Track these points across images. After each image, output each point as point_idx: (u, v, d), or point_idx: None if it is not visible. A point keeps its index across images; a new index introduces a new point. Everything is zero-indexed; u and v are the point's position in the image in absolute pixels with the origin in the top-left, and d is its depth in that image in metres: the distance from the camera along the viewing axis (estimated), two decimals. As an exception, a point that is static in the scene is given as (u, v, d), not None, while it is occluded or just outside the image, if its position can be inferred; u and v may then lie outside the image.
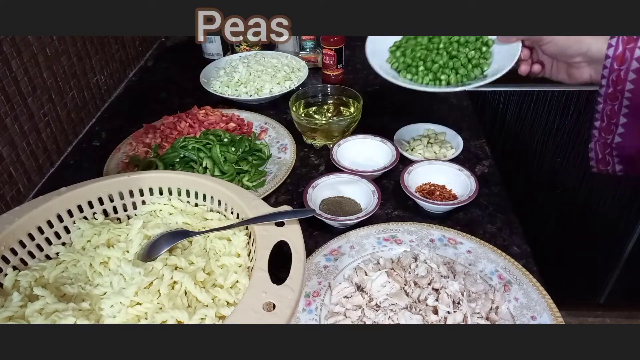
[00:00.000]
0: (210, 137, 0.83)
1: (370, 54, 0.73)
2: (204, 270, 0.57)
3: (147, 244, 0.59)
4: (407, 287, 0.58)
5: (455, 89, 0.71)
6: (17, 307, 0.51)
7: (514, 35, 0.66)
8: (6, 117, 0.75)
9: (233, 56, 1.17)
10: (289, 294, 0.47)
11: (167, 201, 0.66)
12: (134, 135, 0.91)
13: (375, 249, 0.66)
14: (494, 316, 0.56)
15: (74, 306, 0.52)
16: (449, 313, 0.54)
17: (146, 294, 0.52)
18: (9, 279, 0.55)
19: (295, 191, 0.80)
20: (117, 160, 0.85)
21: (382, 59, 0.75)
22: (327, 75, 1.09)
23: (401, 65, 0.73)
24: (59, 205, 0.60)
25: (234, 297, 0.53)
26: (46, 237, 0.59)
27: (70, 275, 0.58)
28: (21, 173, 0.79)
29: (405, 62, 0.73)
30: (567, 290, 0.62)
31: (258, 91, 1.04)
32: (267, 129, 0.94)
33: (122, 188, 0.64)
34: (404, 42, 0.75)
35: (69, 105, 0.92)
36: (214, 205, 0.65)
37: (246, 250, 0.59)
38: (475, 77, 0.70)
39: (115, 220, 0.66)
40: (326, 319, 0.57)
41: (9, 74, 0.75)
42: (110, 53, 1.08)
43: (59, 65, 0.88)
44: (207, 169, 0.79)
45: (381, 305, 0.56)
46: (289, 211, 0.57)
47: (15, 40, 0.76)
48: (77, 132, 0.96)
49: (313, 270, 0.62)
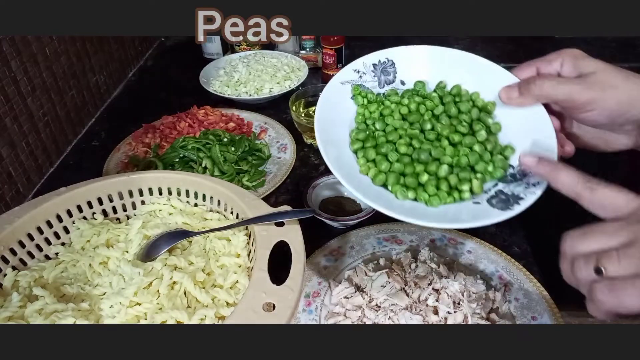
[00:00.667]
0: (209, 137, 0.83)
1: (331, 160, 0.47)
2: (204, 270, 0.57)
3: (146, 244, 0.59)
4: (407, 287, 0.58)
5: (494, 218, 0.44)
6: (17, 307, 0.51)
7: (531, 96, 0.48)
8: (5, 117, 0.74)
9: (233, 56, 1.17)
10: (289, 294, 0.47)
11: (166, 201, 0.66)
12: (133, 135, 0.90)
13: (376, 249, 0.66)
14: (494, 317, 0.55)
15: (74, 306, 0.52)
16: (449, 313, 0.54)
17: (145, 294, 0.52)
18: (8, 279, 0.55)
19: (295, 191, 0.79)
20: (116, 160, 0.85)
21: (351, 167, 0.49)
22: (327, 74, 1.09)
23: (390, 178, 0.48)
24: (58, 206, 0.60)
25: (234, 297, 0.53)
26: (45, 237, 0.59)
27: (70, 276, 0.58)
28: (20, 173, 0.79)
29: (394, 170, 0.49)
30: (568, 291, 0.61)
31: (258, 91, 1.04)
32: (266, 128, 0.94)
33: (122, 188, 0.64)
34: (364, 134, 0.51)
35: (68, 105, 0.92)
36: (213, 206, 0.65)
37: (246, 250, 0.59)
38: (502, 177, 0.48)
39: (114, 220, 0.65)
40: (326, 320, 0.57)
41: (9, 74, 0.75)
42: (109, 53, 1.08)
43: (58, 65, 0.88)
44: (206, 168, 0.79)
45: (381, 306, 0.56)
46: (289, 211, 0.56)
47: (15, 40, 0.76)
48: (77, 132, 0.96)
49: (313, 271, 0.62)
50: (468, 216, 0.45)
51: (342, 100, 0.54)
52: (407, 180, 0.48)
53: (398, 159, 0.49)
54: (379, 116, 0.54)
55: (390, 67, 0.58)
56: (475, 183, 0.47)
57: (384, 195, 0.47)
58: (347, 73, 0.56)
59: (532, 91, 0.48)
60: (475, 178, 0.48)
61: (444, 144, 0.50)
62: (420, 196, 0.47)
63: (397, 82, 0.57)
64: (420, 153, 0.49)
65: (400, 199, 0.47)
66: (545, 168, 0.44)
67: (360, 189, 0.45)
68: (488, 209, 0.45)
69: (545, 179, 0.44)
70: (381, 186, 0.48)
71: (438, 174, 0.48)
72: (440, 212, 0.46)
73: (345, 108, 0.54)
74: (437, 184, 0.47)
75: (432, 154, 0.49)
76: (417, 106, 0.54)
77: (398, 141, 0.51)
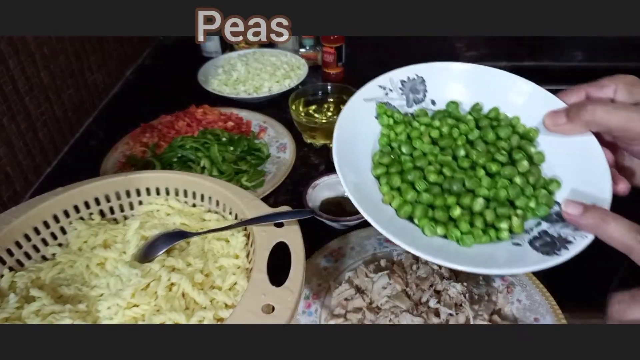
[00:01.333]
0: (208, 137, 0.82)
1: (350, 187, 0.42)
2: (202, 271, 0.56)
3: (144, 245, 0.59)
4: (409, 289, 0.57)
5: (539, 264, 0.38)
6: (14, 308, 0.51)
7: (580, 123, 0.43)
8: (3, 116, 0.74)
9: (231, 54, 1.16)
10: (288, 296, 0.46)
11: (164, 201, 0.65)
12: (131, 134, 0.90)
13: (376, 250, 0.65)
14: (496, 318, 0.55)
15: (71, 308, 0.51)
16: (451, 315, 0.54)
17: (143, 295, 0.52)
18: (5, 280, 0.54)
19: (295, 191, 0.79)
20: (114, 160, 0.84)
21: (372, 196, 0.45)
22: (327, 73, 1.09)
23: (417, 210, 0.43)
24: (55, 206, 0.59)
25: (233, 299, 0.53)
26: (42, 238, 0.59)
27: (67, 277, 0.57)
28: (18, 173, 0.78)
29: (421, 201, 0.44)
30: (571, 292, 0.61)
31: (257, 89, 1.03)
32: (266, 128, 0.93)
33: (119, 188, 0.64)
34: (388, 158, 0.47)
35: (66, 104, 0.91)
36: (212, 206, 0.64)
37: (245, 251, 0.58)
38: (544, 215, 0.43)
39: (112, 220, 0.65)
40: (326, 322, 0.57)
41: (6, 73, 0.74)
42: (107, 51, 1.07)
43: (56, 64, 0.87)
44: (205, 168, 0.78)
45: (382, 308, 0.55)
46: (289, 212, 0.56)
47: (13, 39, 0.75)
48: (74, 131, 0.95)
49: (313, 272, 0.62)
50: (506, 260, 0.40)
51: (365, 119, 0.49)
52: (437, 214, 0.42)
53: (427, 189, 0.44)
54: (406, 139, 0.49)
55: (420, 85, 0.52)
56: (516, 221, 0.41)
57: (408, 230, 0.42)
58: (371, 89, 0.50)
59: (582, 117, 0.42)
60: (515, 215, 0.42)
61: (480, 174, 0.45)
62: (452, 233, 0.41)
63: (428, 102, 0.52)
64: (452, 183, 0.44)
65: (428, 235, 0.42)
66: (591, 220, 0.39)
67: (382, 222, 0.40)
68: (530, 252, 0.40)
69: (591, 233, 0.39)
70: (406, 219, 0.43)
71: (472, 208, 0.43)
72: (474, 254, 0.40)
73: (368, 128, 0.49)
74: (471, 219, 0.42)
75: (466, 185, 0.44)
76: (450, 129, 0.48)
77: (427, 168, 0.46)
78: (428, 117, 0.50)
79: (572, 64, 1.18)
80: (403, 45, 1.26)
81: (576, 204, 0.40)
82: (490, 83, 0.51)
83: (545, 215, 0.43)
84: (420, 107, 0.52)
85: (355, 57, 1.18)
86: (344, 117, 0.47)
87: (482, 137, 0.48)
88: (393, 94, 0.51)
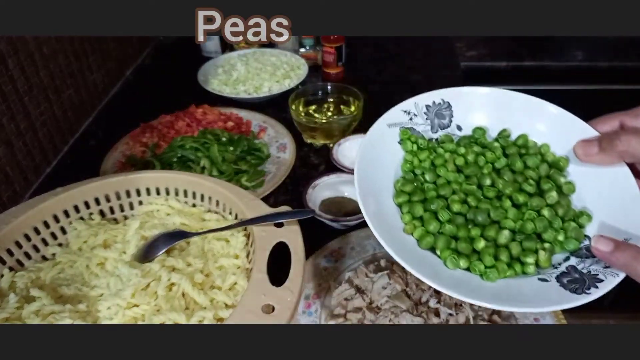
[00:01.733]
0: (208, 136, 0.82)
1: (370, 215, 0.42)
2: (202, 271, 0.56)
3: (144, 245, 0.59)
4: (409, 289, 0.57)
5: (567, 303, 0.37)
6: (14, 308, 0.51)
7: (614, 153, 0.41)
8: (2, 116, 0.74)
9: (231, 54, 1.16)
10: (288, 296, 0.46)
11: (164, 201, 0.65)
12: (130, 134, 0.90)
13: (376, 250, 0.65)
14: (496, 318, 0.55)
15: (71, 308, 0.51)
16: (451, 315, 0.54)
17: (143, 295, 0.52)
18: (5, 280, 0.54)
19: (295, 191, 0.79)
20: (114, 160, 0.84)
21: (392, 225, 0.44)
22: (328, 73, 1.09)
23: (439, 241, 0.42)
24: (55, 206, 0.59)
25: (233, 299, 0.53)
26: (42, 238, 0.59)
27: (67, 277, 0.57)
28: (17, 173, 0.78)
29: (444, 232, 0.43)
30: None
31: (257, 89, 1.03)
32: (266, 128, 0.93)
33: (119, 188, 0.64)
34: (411, 185, 0.45)
35: (65, 104, 0.91)
36: (212, 206, 0.64)
37: (245, 251, 0.58)
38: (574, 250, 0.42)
39: (112, 220, 0.65)
40: (326, 321, 0.57)
41: (6, 73, 0.74)
42: (107, 51, 1.07)
43: (55, 64, 0.87)
44: (205, 168, 0.78)
45: (382, 308, 0.55)
46: (289, 212, 0.56)
47: (12, 39, 0.75)
48: (74, 131, 0.95)
49: (313, 272, 0.62)
50: (532, 296, 0.38)
51: (388, 144, 0.48)
52: (460, 246, 0.41)
53: (450, 219, 0.43)
54: (430, 166, 0.47)
55: (445, 110, 0.51)
56: (542, 255, 0.40)
57: (429, 262, 0.40)
58: (395, 114, 0.49)
59: (616, 147, 0.40)
60: (542, 249, 0.41)
61: (506, 205, 0.43)
62: (475, 266, 0.40)
63: (453, 127, 0.51)
64: (477, 214, 0.42)
65: (450, 267, 0.40)
66: (622, 258, 0.36)
67: (402, 253, 0.38)
68: (557, 289, 0.38)
69: (623, 271, 0.37)
70: (427, 249, 0.42)
71: (497, 241, 0.41)
72: (498, 289, 0.38)
73: (390, 154, 0.48)
74: (495, 252, 0.40)
75: (491, 216, 0.42)
76: (476, 157, 0.47)
77: (451, 197, 0.44)
78: (453, 143, 0.49)
79: (572, 63, 1.18)
80: (403, 45, 1.26)
81: (607, 240, 0.38)
82: (519, 109, 0.49)
83: (575, 249, 0.41)
84: (445, 133, 0.50)
85: (355, 57, 1.18)
86: (367, 143, 0.46)
87: (510, 166, 0.46)
88: (417, 119, 0.50)
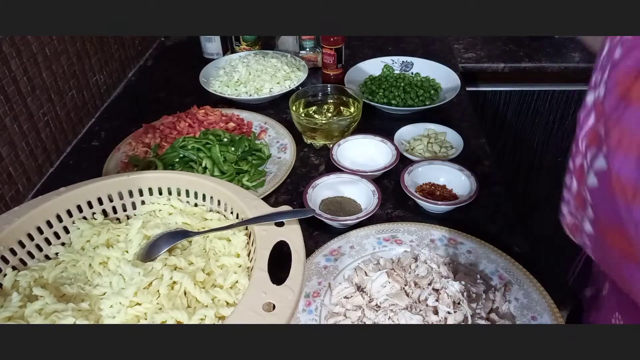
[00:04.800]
0: (209, 137, 0.83)
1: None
2: (204, 270, 0.57)
3: (146, 244, 0.59)
4: (408, 287, 0.58)
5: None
6: (17, 307, 0.51)
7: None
8: (5, 117, 0.74)
9: (232, 56, 1.17)
10: (289, 294, 0.47)
11: (166, 201, 0.66)
12: (133, 135, 0.90)
13: (376, 249, 0.66)
14: (494, 316, 0.55)
15: (74, 306, 0.52)
16: (449, 313, 0.54)
17: (146, 294, 0.52)
18: (8, 279, 0.55)
19: (295, 191, 0.79)
20: (116, 160, 0.85)
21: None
22: (327, 74, 1.09)
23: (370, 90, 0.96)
24: (58, 206, 0.60)
25: (234, 297, 0.53)
26: (45, 238, 0.59)
27: (70, 276, 0.58)
28: (20, 173, 0.79)
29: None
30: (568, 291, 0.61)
31: (258, 91, 1.04)
32: (266, 128, 0.94)
33: (122, 188, 0.64)
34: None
35: (68, 105, 0.92)
36: (213, 206, 0.65)
37: (246, 250, 0.59)
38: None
39: (114, 220, 0.65)
40: (326, 320, 0.57)
41: (9, 74, 0.75)
42: (109, 52, 1.08)
43: (58, 65, 0.88)
44: (206, 168, 0.79)
45: (381, 306, 0.56)
46: (289, 211, 0.57)
47: (15, 40, 0.76)
48: (77, 132, 0.96)
49: (313, 271, 0.62)
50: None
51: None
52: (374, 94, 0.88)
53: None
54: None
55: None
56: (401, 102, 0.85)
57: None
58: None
59: None
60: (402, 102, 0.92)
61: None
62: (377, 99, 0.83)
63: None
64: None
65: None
66: None
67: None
68: None
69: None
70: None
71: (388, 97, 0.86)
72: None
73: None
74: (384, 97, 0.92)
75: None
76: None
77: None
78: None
79: (569, 64, 1.19)
80: (402, 45, 1.27)
81: None
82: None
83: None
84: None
85: (355, 58, 1.18)
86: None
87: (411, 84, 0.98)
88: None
